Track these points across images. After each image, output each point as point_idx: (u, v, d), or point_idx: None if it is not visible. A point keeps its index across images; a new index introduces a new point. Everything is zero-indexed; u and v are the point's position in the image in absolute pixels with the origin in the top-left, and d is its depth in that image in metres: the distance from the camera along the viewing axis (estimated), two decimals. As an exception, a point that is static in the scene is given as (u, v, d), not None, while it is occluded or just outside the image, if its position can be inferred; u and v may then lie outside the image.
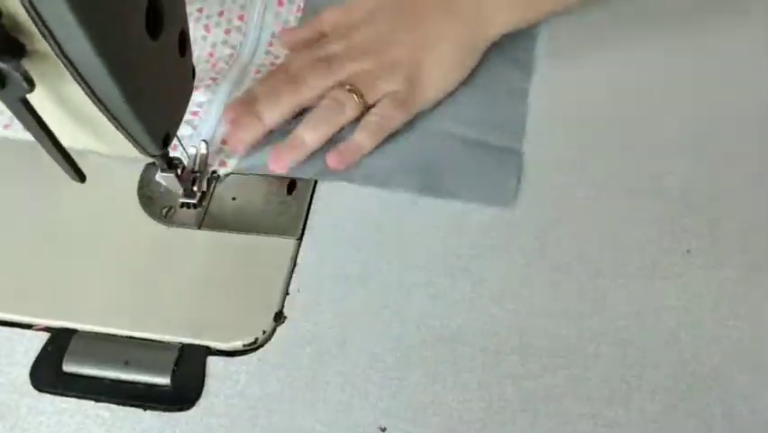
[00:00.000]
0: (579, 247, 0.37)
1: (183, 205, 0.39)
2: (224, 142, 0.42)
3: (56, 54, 0.24)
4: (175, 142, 0.36)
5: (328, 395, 0.34)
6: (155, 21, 0.27)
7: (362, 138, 0.40)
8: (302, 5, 0.48)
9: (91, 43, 0.23)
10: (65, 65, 0.24)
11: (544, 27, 0.45)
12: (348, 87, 0.41)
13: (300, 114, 0.42)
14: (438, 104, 0.43)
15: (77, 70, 0.25)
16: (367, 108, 0.41)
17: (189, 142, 0.40)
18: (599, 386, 0.33)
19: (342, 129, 0.41)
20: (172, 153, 0.36)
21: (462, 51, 0.43)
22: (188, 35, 0.32)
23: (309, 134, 0.40)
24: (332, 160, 0.40)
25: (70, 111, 0.30)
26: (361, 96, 0.41)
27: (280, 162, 0.40)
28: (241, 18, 0.47)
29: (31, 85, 0.26)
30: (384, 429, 0.32)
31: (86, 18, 0.22)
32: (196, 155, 0.40)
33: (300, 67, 0.42)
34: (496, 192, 0.39)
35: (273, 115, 0.41)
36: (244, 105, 0.42)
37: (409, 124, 0.42)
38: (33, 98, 0.28)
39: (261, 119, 0.41)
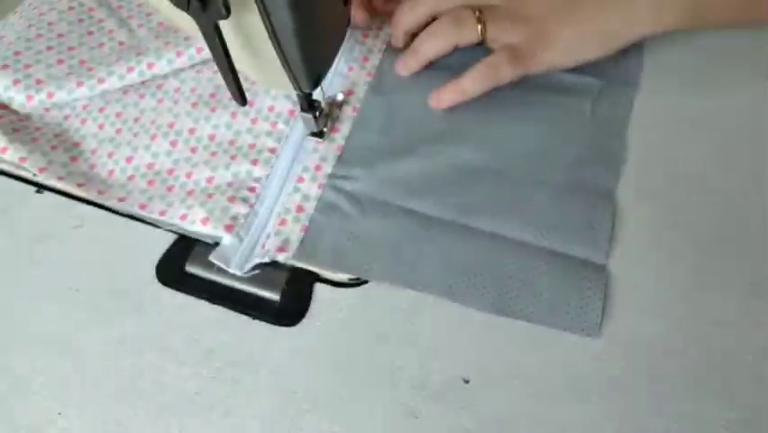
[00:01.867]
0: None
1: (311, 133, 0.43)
2: (282, 223, 0.40)
3: None
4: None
5: (421, 339, 0.36)
6: None
7: (468, 82, 0.41)
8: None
9: None
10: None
11: (636, 114, 0.43)
12: (477, 11, 0.41)
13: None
14: (517, 206, 0.39)
15: (263, 5, 0.28)
16: (482, 41, 0.42)
17: (246, 220, 0.40)
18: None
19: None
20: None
21: (599, 34, 0.41)
22: None
23: (425, 43, 0.42)
24: (434, 98, 0.42)
25: (245, 39, 0.33)
26: (484, 26, 0.41)
27: (402, 66, 0.44)
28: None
29: (228, 11, 0.28)
30: (467, 381, 0.35)
31: None
32: (332, 100, 0.44)
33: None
34: (578, 321, 0.36)
35: (411, 17, 0.43)
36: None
37: (486, 233, 0.39)
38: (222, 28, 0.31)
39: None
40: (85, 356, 0.36)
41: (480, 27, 0.41)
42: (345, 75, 0.47)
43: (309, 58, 0.33)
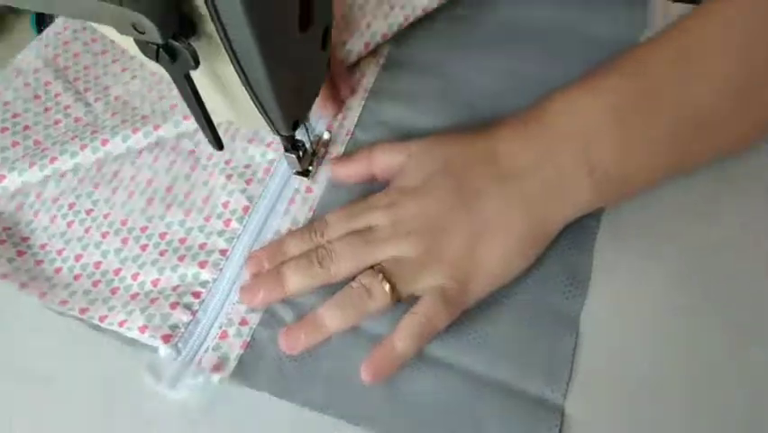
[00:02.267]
0: None
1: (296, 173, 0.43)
2: (222, 336, 0.38)
3: (220, 38, 0.27)
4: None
5: None
6: (306, 16, 0.30)
7: (403, 344, 0.34)
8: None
9: (252, 31, 0.26)
10: (225, 48, 0.28)
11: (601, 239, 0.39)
12: (382, 273, 0.35)
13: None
14: (472, 329, 0.36)
15: (234, 52, 0.28)
16: (397, 300, 0.36)
17: (186, 329, 0.38)
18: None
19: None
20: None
21: (525, 240, 0.36)
22: (330, 32, 0.34)
23: (330, 319, 0.35)
24: (367, 372, 0.34)
25: (219, 87, 0.33)
26: (393, 286, 0.35)
27: (294, 341, 0.36)
28: (266, 171, 0.44)
29: (196, 63, 0.28)
30: None
31: (252, 9, 0.25)
32: (318, 140, 0.44)
33: (337, 236, 0.38)
34: None
35: (297, 285, 0.37)
36: (268, 260, 0.39)
37: (437, 360, 0.35)
38: (192, 74, 0.31)
39: (284, 285, 0.37)
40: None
41: (388, 288, 0.35)
42: (327, 124, 0.46)
43: (285, 104, 0.33)
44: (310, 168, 0.43)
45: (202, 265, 0.40)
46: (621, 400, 0.34)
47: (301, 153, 0.41)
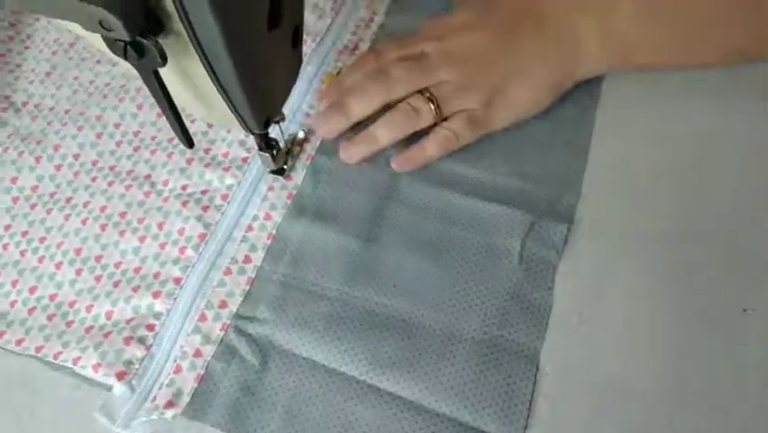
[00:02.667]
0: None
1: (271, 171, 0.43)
2: (176, 370, 0.37)
3: (188, 35, 0.27)
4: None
5: None
6: (274, 15, 0.30)
7: (430, 147, 0.42)
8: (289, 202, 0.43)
9: (220, 29, 0.26)
10: (194, 45, 0.28)
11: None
12: (428, 95, 0.41)
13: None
14: (428, 366, 0.36)
15: (203, 50, 0.28)
16: (441, 119, 0.42)
17: (141, 365, 0.37)
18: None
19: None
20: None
21: (550, 84, 0.42)
22: (302, 30, 0.35)
23: (382, 133, 0.42)
24: (397, 162, 0.42)
25: (190, 85, 0.33)
26: (438, 107, 0.41)
27: (351, 153, 0.42)
28: (224, 198, 0.43)
29: (164, 60, 0.29)
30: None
31: (219, 7, 0.25)
32: (293, 139, 0.44)
33: (392, 62, 0.43)
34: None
35: (360, 109, 0.42)
36: (334, 95, 0.44)
37: (393, 396, 0.36)
38: (161, 71, 0.31)
39: (348, 114, 0.42)
40: None
41: (434, 108, 0.41)
42: (306, 114, 0.46)
43: (256, 102, 0.33)
44: (285, 166, 0.43)
45: (156, 296, 0.40)
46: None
47: (275, 152, 0.41)
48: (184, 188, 0.44)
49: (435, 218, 0.41)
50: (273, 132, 0.41)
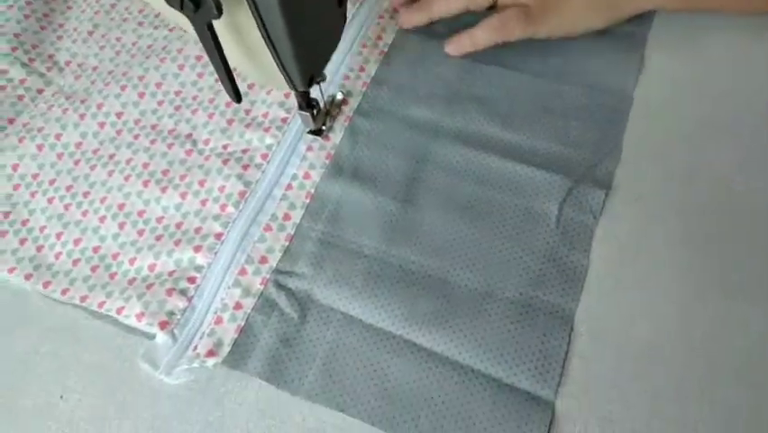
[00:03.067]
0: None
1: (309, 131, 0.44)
2: (217, 321, 0.38)
3: None
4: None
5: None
6: None
7: (480, 34, 0.44)
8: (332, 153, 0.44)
9: None
10: None
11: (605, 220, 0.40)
12: None
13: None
14: (463, 324, 0.37)
15: (255, 4, 0.29)
16: (494, 5, 0.44)
17: (183, 315, 0.38)
18: None
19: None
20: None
21: (604, 5, 0.44)
22: None
23: (438, 4, 0.45)
24: (450, 46, 0.45)
25: (240, 39, 0.34)
26: None
27: (408, 19, 0.47)
28: (264, 157, 0.44)
29: (219, 12, 0.29)
30: None
31: None
32: (332, 100, 0.45)
33: None
34: None
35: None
36: None
37: (428, 351, 0.36)
38: (215, 24, 0.32)
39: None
40: None
41: None
42: (345, 76, 0.47)
43: (302, 57, 0.34)
44: (323, 127, 0.44)
45: (197, 250, 0.40)
46: (613, 399, 0.35)
47: (315, 112, 0.42)
48: (225, 147, 0.45)
49: (472, 181, 0.41)
50: (314, 92, 0.41)
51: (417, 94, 0.45)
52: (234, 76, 0.37)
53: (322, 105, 0.43)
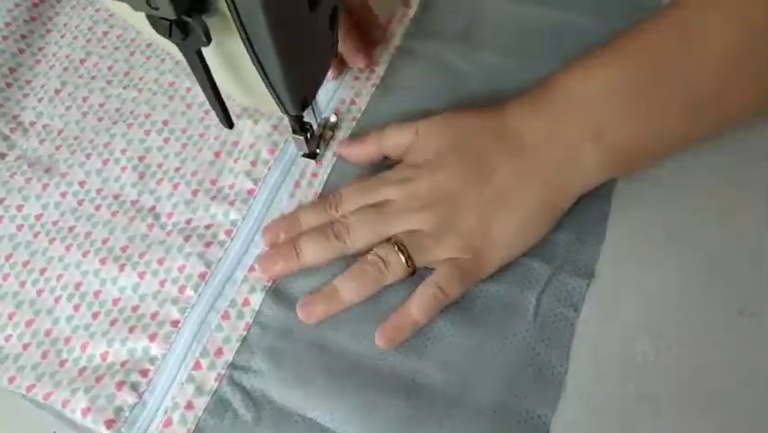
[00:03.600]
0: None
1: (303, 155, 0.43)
2: (167, 423, 0.36)
3: (230, 13, 0.27)
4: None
5: None
6: None
7: (417, 312, 0.36)
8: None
9: (263, 9, 0.26)
10: (236, 23, 0.28)
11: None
12: (397, 245, 0.36)
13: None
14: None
15: (245, 29, 0.28)
16: (414, 271, 0.37)
17: (131, 413, 0.36)
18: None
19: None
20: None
21: (538, 212, 0.37)
22: (338, 11, 0.34)
23: (349, 289, 0.37)
24: (382, 338, 0.36)
25: (231, 66, 0.33)
26: (409, 257, 0.36)
27: (310, 313, 0.37)
28: (228, 233, 0.41)
29: (208, 39, 0.29)
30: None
31: None
32: (325, 123, 0.44)
33: (352, 210, 0.39)
34: None
35: (313, 256, 0.38)
36: (285, 231, 0.40)
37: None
38: (203, 51, 0.31)
39: (300, 257, 0.38)
40: None
41: (404, 259, 0.36)
42: (341, 100, 0.46)
43: (294, 82, 0.33)
44: (317, 150, 0.43)
45: (152, 338, 0.38)
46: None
47: (309, 135, 0.40)
48: (188, 222, 0.42)
49: None
50: (307, 116, 0.40)
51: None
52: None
53: (315, 127, 0.41)
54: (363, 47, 0.45)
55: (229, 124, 0.37)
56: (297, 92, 0.34)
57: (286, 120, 0.41)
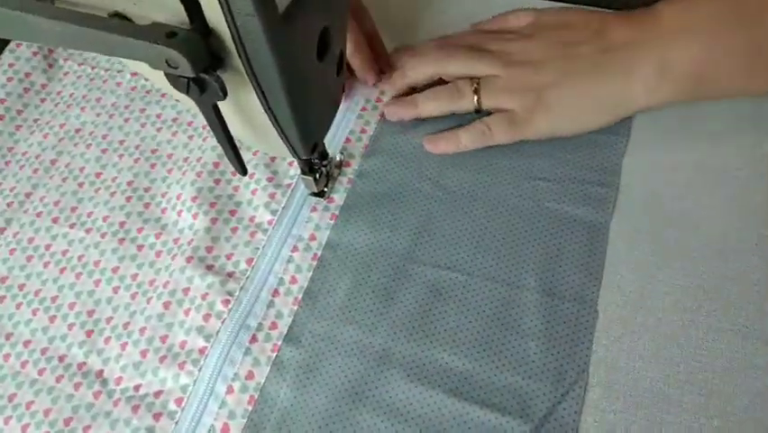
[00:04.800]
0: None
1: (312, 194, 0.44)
2: None
3: (245, 70, 0.28)
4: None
5: None
6: (324, 47, 0.32)
7: (464, 137, 0.43)
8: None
9: (275, 65, 0.28)
10: (250, 79, 0.29)
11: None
12: (475, 84, 0.43)
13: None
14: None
15: (258, 83, 0.29)
16: (479, 110, 0.43)
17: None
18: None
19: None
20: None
21: (598, 107, 0.42)
22: (344, 55, 0.36)
23: (424, 102, 0.44)
24: (429, 141, 0.44)
25: (245, 116, 0.34)
26: (479, 98, 0.43)
27: (394, 111, 0.46)
28: (178, 402, 0.38)
29: (224, 94, 0.30)
30: None
31: (276, 45, 0.27)
32: (331, 162, 0.44)
33: (459, 45, 0.45)
34: None
35: (416, 73, 0.45)
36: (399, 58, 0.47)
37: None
38: (219, 104, 0.32)
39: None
40: None
41: (476, 97, 0.43)
42: (347, 138, 0.47)
43: (304, 128, 0.34)
44: (325, 189, 0.44)
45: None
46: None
47: (317, 176, 0.42)
48: (137, 388, 0.39)
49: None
50: (314, 156, 0.41)
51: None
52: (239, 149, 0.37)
53: (323, 168, 0.43)
54: (373, 65, 0.48)
55: (243, 170, 0.38)
56: (307, 137, 0.35)
57: (240, 269, 0.42)
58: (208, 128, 0.42)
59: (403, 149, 0.46)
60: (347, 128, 0.47)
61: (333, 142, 0.47)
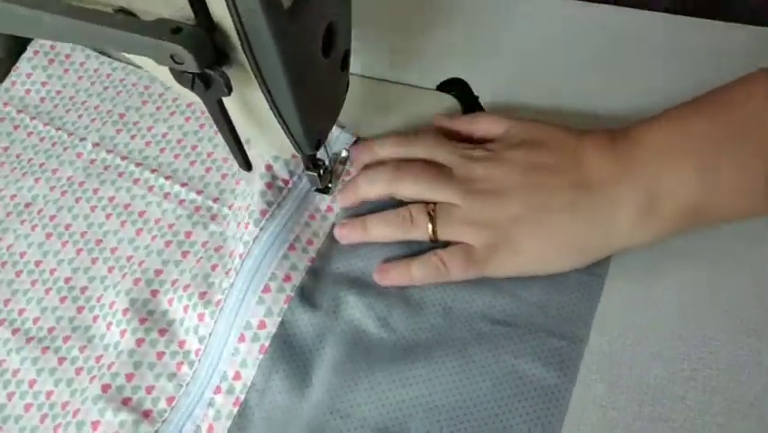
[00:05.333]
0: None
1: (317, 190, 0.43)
2: None
3: (250, 66, 0.28)
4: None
5: None
6: (329, 43, 0.32)
7: (417, 271, 0.39)
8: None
9: (281, 61, 0.28)
10: (255, 75, 0.29)
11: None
12: (431, 210, 0.39)
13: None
14: None
15: (263, 79, 0.29)
16: (433, 239, 0.39)
17: None
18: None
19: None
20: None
21: (568, 247, 0.37)
22: (350, 53, 0.36)
23: (375, 227, 0.41)
24: (381, 273, 0.39)
25: (249, 111, 0.35)
26: (435, 226, 0.39)
27: (342, 234, 0.41)
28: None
29: (229, 89, 0.30)
30: None
31: (281, 41, 0.27)
32: (336, 158, 0.44)
33: (416, 161, 0.41)
34: None
35: (367, 192, 0.42)
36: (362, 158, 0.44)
37: None
38: (224, 100, 0.32)
39: (358, 190, 0.42)
40: None
41: (430, 227, 0.39)
42: (352, 134, 0.46)
43: (309, 124, 0.34)
44: (330, 185, 0.43)
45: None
46: None
47: (321, 171, 0.41)
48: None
49: None
50: (319, 152, 0.41)
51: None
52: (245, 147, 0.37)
53: (328, 163, 0.42)
54: None
55: (248, 166, 0.38)
56: (311, 133, 0.35)
57: (158, 408, 0.38)
58: (160, 225, 0.44)
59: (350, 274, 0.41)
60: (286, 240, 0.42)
61: (337, 139, 0.46)
